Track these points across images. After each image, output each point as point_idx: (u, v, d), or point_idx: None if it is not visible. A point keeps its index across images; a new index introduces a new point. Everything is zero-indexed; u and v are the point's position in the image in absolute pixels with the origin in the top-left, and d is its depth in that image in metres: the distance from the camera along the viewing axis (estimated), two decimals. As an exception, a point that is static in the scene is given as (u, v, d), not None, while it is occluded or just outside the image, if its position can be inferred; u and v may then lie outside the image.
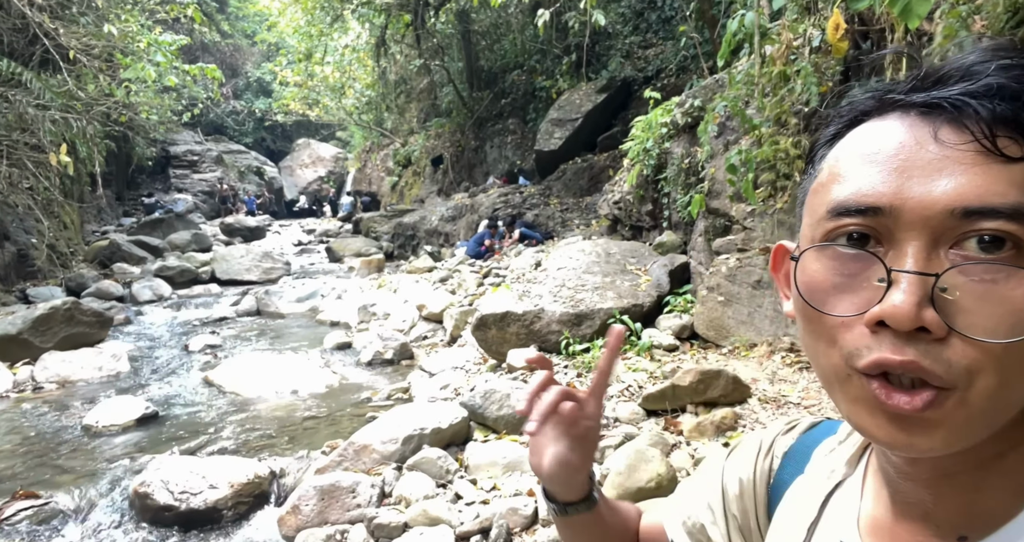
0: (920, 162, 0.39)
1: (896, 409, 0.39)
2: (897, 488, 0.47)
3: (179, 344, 7.41)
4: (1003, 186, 0.37)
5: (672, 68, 11.26)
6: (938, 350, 0.38)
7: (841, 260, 0.42)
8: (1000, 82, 0.38)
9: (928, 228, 0.38)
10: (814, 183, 0.46)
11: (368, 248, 14.11)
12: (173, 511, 3.30)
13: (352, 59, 16.80)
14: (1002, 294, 0.37)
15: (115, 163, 18.14)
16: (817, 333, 0.43)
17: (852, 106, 0.45)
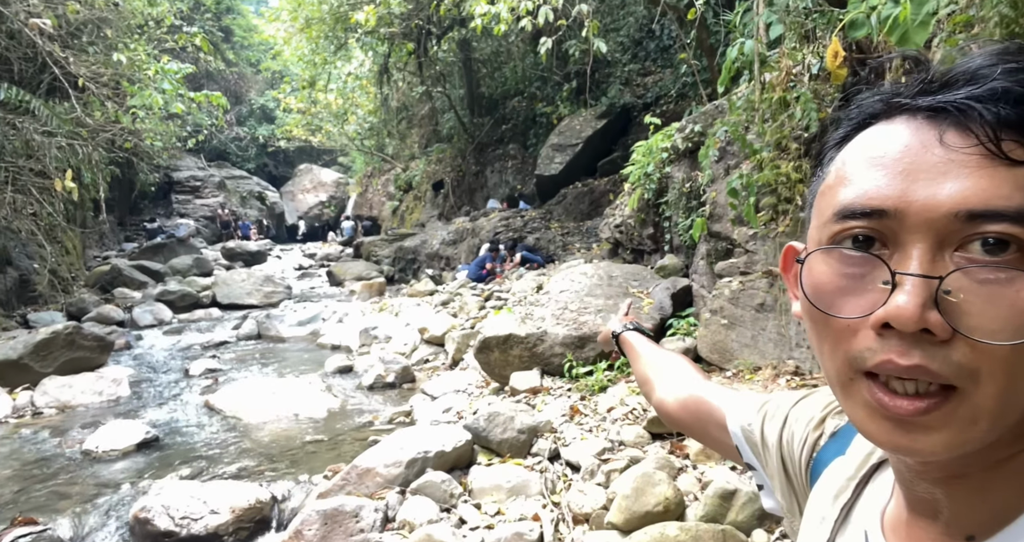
0: (925, 165, 0.40)
1: (898, 413, 0.39)
2: (910, 487, 0.48)
3: (180, 368, 7.38)
4: (1008, 189, 0.38)
5: (671, 95, 11.45)
6: (944, 352, 0.38)
7: (847, 263, 0.42)
8: (1005, 86, 0.39)
9: (933, 231, 0.39)
10: (822, 185, 0.47)
11: (369, 272, 14.13)
12: (174, 537, 3.25)
13: (355, 86, 17.08)
14: (1006, 296, 0.37)
15: (118, 189, 18.27)
16: (823, 335, 0.44)
17: (860, 109, 0.46)
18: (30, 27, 7.42)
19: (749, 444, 0.72)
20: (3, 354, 6.37)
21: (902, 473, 0.49)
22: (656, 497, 2.75)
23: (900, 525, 0.50)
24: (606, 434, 3.86)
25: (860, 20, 2.89)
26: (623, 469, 3.21)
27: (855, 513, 0.55)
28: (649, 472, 2.91)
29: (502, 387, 5.06)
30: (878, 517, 0.52)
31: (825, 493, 0.59)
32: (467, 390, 5.41)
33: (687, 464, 3.27)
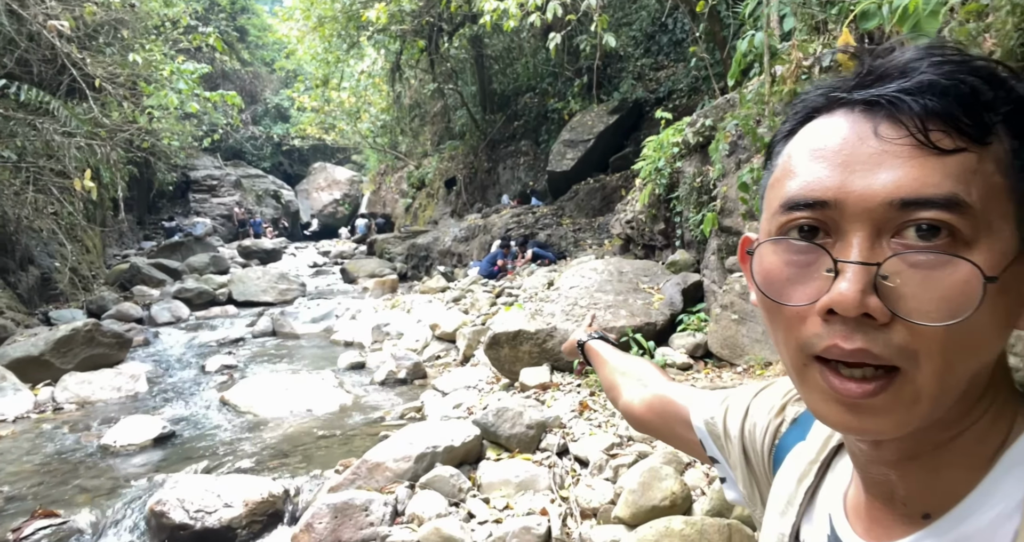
0: (862, 157, 0.41)
1: (848, 396, 0.41)
2: (865, 469, 0.49)
3: (196, 365, 7.49)
4: (937, 177, 0.40)
5: (683, 89, 11.36)
6: (885, 336, 0.40)
7: (793, 252, 0.44)
8: (931, 79, 0.41)
9: (870, 219, 0.41)
10: (771, 178, 0.49)
11: (382, 269, 14.22)
12: (188, 530, 3.31)
13: (368, 84, 17.16)
14: (939, 279, 0.39)
15: (137, 188, 18.58)
16: (776, 322, 0.46)
17: (804, 103, 0.48)
18: (48, 29, 7.56)
19: (712, 437, 0.74)
20: (25, 350, 6.52)
21: (857, 457, 0.50)
22: (663, 492, 2.75)
23: (861, 507, 0.51)
24: (615, 429, 3.86)
25: (871, 10, 2.85)
26: (631, 464, 3.21)
27: (819, 497, 0.57)
28: (656, 467, 2.90)
29: (512, 383, 5.08)
30: (840, 500, 0.54)
31: (789, 478, 0.60)
32: (477, 386, 5.43)
33: (694, 459, 3.26)
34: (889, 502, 0.48)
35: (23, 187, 8.87)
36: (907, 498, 0.47)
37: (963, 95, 0.40)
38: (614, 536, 2.71)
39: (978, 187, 0.40)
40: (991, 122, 0.41)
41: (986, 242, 0.40)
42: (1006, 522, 0.42)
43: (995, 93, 0.41)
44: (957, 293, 0.39)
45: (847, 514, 0.53)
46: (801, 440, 0.61)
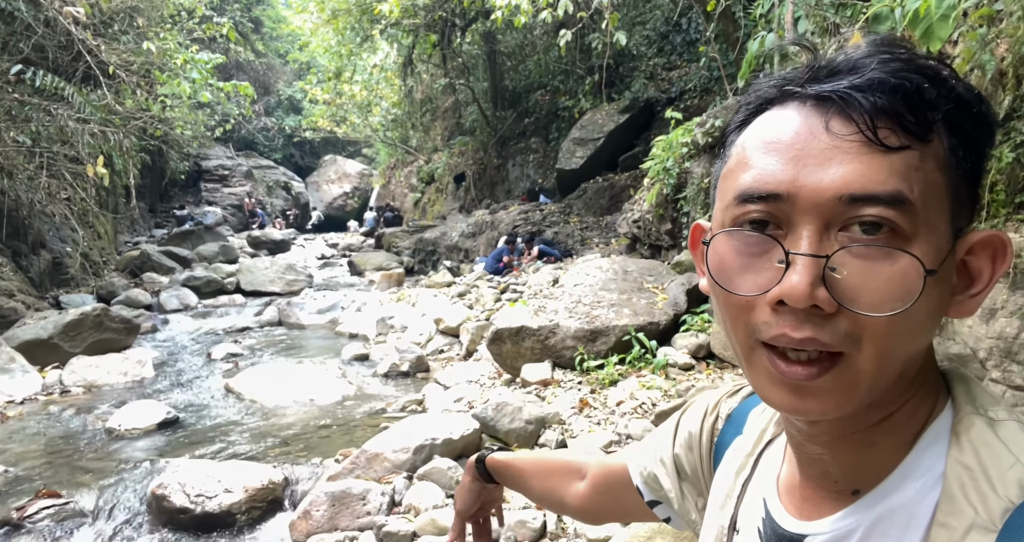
0: (813, 151, 0.43)
1: (793, 378, 0.43)
2: (801, 449, 0.51)
3: (202, 352, 7.57)
4: (883, 175, 0.41)
5: (695, 89, 11.31)
6: (831, 325, 0.42)
7: (746, 243, 0.45)
8: (880, 76, 0.42)
9: (820, 213, 0.42)
10: (724, 168, 0.50)
11: (389, 263, 14.27)
12: (188, 514, 3.36)
13: (380, 78, 17.18)
14: (882, 272, 0.41)
15: (149, 176, 18.71)
16: (726, 309, 0.47)
17: (758, 95, 0.49)
18: (64, 15, 7.64)
19: (648, 483, 0.75)
20: (34, 333, 6.61)
21: (794, 437, 0.52)
22: (658, 490, 2.76)
23: (794, 488, 0.54)
24: (614, 427, 3.87)
25: (884, 14, 2.84)
26: (628, 462, 3.22)
27: (752, 485, 0.59)
28: (652, 465, 2.91)
29: (514, 379, 5.10)
30: (774, 485, 0.56)
31: (728, 472, 0.62)
32: (480, 381, 5.46)
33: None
34: (823, 481, 0.51)
35: (37, 172, 8.97)
36: (839, 476, 0.49)
37: (909, 93, 0.42)
38: (608, 532, 2.73)
39: (919, 184, 0.42)
40: (933, 120, 0.42)
41: (925, 237, 0.42)
42: (928, 494, 0.45)
43: (937, 92, 0.42)
44: (899, 285, 0.41)
45: (780, 496, 0.55)
46: (738, 435, 0.63)
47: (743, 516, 0.59)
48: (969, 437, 0.45)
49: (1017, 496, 0.41)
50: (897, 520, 0.46)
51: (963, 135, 0.44)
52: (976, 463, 0.44)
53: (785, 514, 0.53)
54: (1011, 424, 0.45)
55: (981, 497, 0.42)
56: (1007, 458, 0.43)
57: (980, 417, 0.46)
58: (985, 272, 0.46)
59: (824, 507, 0.50)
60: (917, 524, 0.45)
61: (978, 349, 2.88)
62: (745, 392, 0.68)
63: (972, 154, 0.44)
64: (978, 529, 0.42)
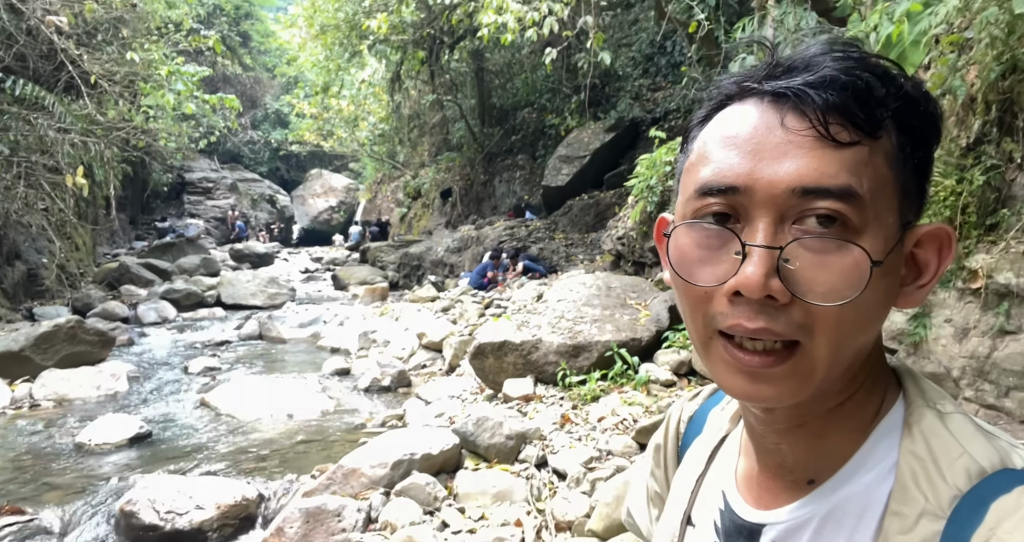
0: (769, 146, 0.44)
1: (749, 366, 0.44)
2: (759, 440, 0.53)
3: (179, 366, 7.43)
4: (834, 169, 0.43)
5: (679, 110, 11.49)
6: (784, 315, 0.43)
7: (706, 235, 0.47)
8: (832, 74, 0.44)
9: (775, 206, 0.43)
10: (686, 162, 0.51)
11: (373, 277, 14.20)
12: (158, 531, 3.26)
13: (367, 93, 17.25)
14: (832, 264, 0.43)
15: (131, 187, 18.51)
16: (685, 300, 0.48)
17: (718, 91, 0.50)
18: (47, 24, 7.59)
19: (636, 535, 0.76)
20: (5, 346, 6.45)
21: (752, 427, 0.53)
22: (637, 506, 2.74)
23: (752, 479, 0.55)
24: (595, 443, 3.85)
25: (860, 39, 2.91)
26: (608, 478, 3.20)
27: (707, 479, 0.60)
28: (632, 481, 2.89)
29: (496, 394, 5.06)
30: (732, 477, 0.57)
31: (686, 470, 0.63)
32: (461, 396, 5.41)
33: (673, 475, 3.26)
34: (779, 471, 0.52)
35: (14, 181, 8.83)
36: (795, 465, 0.51)
37: (859, 90, 0.43)
38: (587, 549, 2.70)
39: (868, 178, 0.43)
40: (881, 117, 0.44)
41: (873, 229, 0.44)
42: (881, 484, 0.47)
43: (887, 90, 0.44)
44: (848, 276, 0.42)
45: (739, 488, 0.56)
46: (699, 434, 0.64)
47: (698, 510, 0.59)
48: (921, 429, 0.46)
49: (964, 484, 0.43)
50: (851, 509, 0.47)
51: (911, 132, 0.46)
52: (927, 453, 0.45)
53: (744, 504, 0.54)
54: (958, 416, 0.47)
55: (931, 486, 0.44)
56: (955, 448, 0.45)
57: (930, 410, 0.47)
58: (932, 264, 0.48)
59: (781, 497, 0.52)
60: (871, 513, 0.46)
61: (952, 368, 2.92)
62: (705, 394, 0.69)
63: (919, 150, 0.46)
64: (928, 516, 0.43)
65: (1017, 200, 2.80)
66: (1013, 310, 2.55)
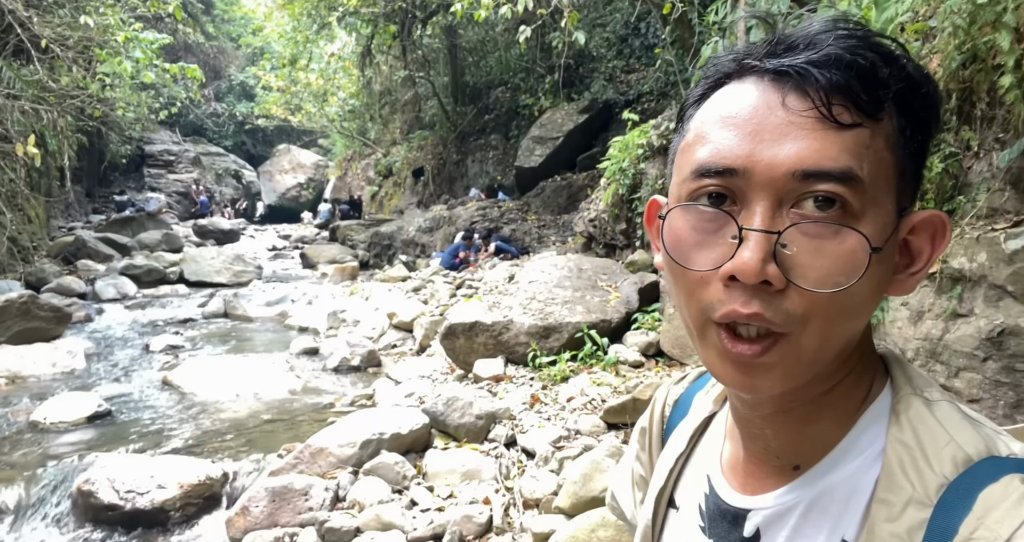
0: (770, 126, 0.43)
1: (739, 356, 0.44)
2: (744, 425, 0.52)
3: (140, 343, 7.23)
4: (835, 151, 0.41)
5: (652, 92, 11.52)
6: (778, 301, 0.42)
7: (702, 218, 0.45)
8: (836, 52, 0.42)
9: (774, 189, 0.42)
10: (682, 143, 0.49)
11: (343, 256, 14.00)
12: (117, 511, 3.20)
13: (337, 67, 16.81)
14: (830, 249, 0.42)
15: (87, 158, 17.76)
16: (680, 286, 0.47)
17: (716, 68, 0.49)
18: (-7, -17, 7.14)
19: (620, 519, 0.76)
20: (-47, 321, 6.18)
21: (739, 411, 0.52)
22: (603, 483, 2.79)
23: (737, 464, 0.54)
24: (564, 423, 3.90)
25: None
26: (576, 456, 3.25)
27: (692, 462, 0.60)
28: (599, 459, 2.94)
29: (466, 374, 5.07)
30: (717, 461, 0.56)
31: (670, 453, 0.63)
32: (432, 376, 5.40)
33: (639, 453, 3.32)
34: (765, 456, 0.51)
35: (-40, 149, 8.38)
36: (780, 451, 0.50)
37: (863, 70, 0.42)
38: (553, 526, 2.74)
39: (869, 162, 0.42)
40: (884, 98, 0.43)
41: (871, 214, 0.43)
42: (867, 471, 0.46)
43: (890, 70, 0.43)
44: (845, 262, 0.42)
45: (724, 472, 0.55)
46: (683, 417, 0.64)
47: (682, 493, 0.59)
48: (908, 417, 0.46)
49: (951, 472, 0.43)
50: (838, 495, 0.47)
51: (912, 115, 0.44)
52: (914, 441, 0.45)
53: (729, 489, 0.54)
54: (944, 404, 0.46)
55: (919, 473, 0.44)
56: (943, 437, 0.44)
57: (918, 397, 0.47)
58: (925, 251, 0.47)
59: (767, 482, 0.51)
60: (857, 500, 0.46)
61: (906, 349, 3.03)
62: (691, 377, 0.68)
63: (919, 134, 0.45)
64: (915, 504, 0.43)
65: (972, 187, 2.89)
66: (965, 294, 2.65)
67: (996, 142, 2.75)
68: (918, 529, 0.42)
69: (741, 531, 0.51)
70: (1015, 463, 0.42)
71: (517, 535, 2.88)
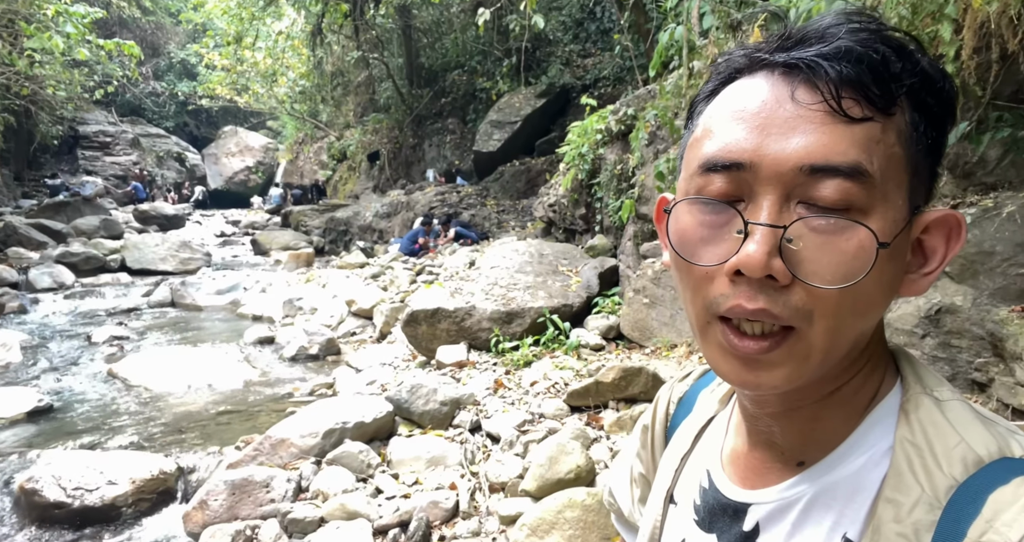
0: (778, 120, 0.42)
1: (745, 352, 0.43)
2: (751, 421, 0.52)
3: (81, 335, 6.88)
4: (844, 146, 0.41)
5: (609, 77, 11.57)
6: (784, 297, 0.42)
7: (708, 212, 0.45)
8: (848, 45, 0.42)
9: (781, 183, 0.42)
10: (691, 138, 0.49)
11: (297, 242, 13.63)
12: (65, 508, 3.06)
13: (286, 46, 16.20)
14: (837, 245, 0.41)
15: (14, 140, 16.64)
16: (686, 282, 0.46)
17: (728, 64, 0.48)
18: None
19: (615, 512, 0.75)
20: None
21: (746, 409, 0.52)
22: (568, 465, 2.83)
23: (739, 458, 0.54)
24: (527, 407, 3.93)
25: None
26: (541, 440, 3.28)
27: (692, 459, 0.60)
28: (564, 442, 2.99)
29: (429, 361, 5.04)
30: (717, 456, 0.56)
31: (674, 451, 0.62)
32: (394, 363, 5.35)
33: (601, 435, 3.39)
34: (769, 451, 0.51)
35: None
36: (785, 447, 0.50)
37: (875, 63, 0.42)
38: (520, 508, 2.77)
39: (879, 157, 0.42)
40: (896, 93, 0.42)
41: (881, 210, 0.42)
42: (874, 469, 0.46)
43: (903, 64, 0.42)
44: (852, 258, 0.41)
45: (724, 467, 0.55)
46: (687, 415, 0.64)
47: (680, 488, 0.59)
48: (918, 416, 0.46)
49: (961, 474, 0.42)
50: (841, 492, 0.47)
51: (925, 110, 0.44)
52: (924, 441, 0.44)
53: (729, 484, 0.53)
54: (955, 403, 0.46)
55: (928, 474, 0.43)
56: (953, 437, 0.44)
57: (928, 396, 0.46)
58: (939, 251, 0.46)
59: (769, 477, 0.51)
60: (863, 497, 0.46)
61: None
62: (696, 375, 0.67)
63: (933, 130, 0.44)
64: (924, 505, 0.42)
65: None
66: (909, 276, 2.80)
67: (937, 130, 2.89)
68: (926, 530, 0.41)
69: (741, 525, 0.51)
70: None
71: (484, 519, 2.90)
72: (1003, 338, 2.24)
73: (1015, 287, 2.28)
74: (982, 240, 2.35)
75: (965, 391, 2.46)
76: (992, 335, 2.30)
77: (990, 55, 2.40)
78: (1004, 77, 2.41)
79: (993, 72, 2.41)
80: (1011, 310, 2.27)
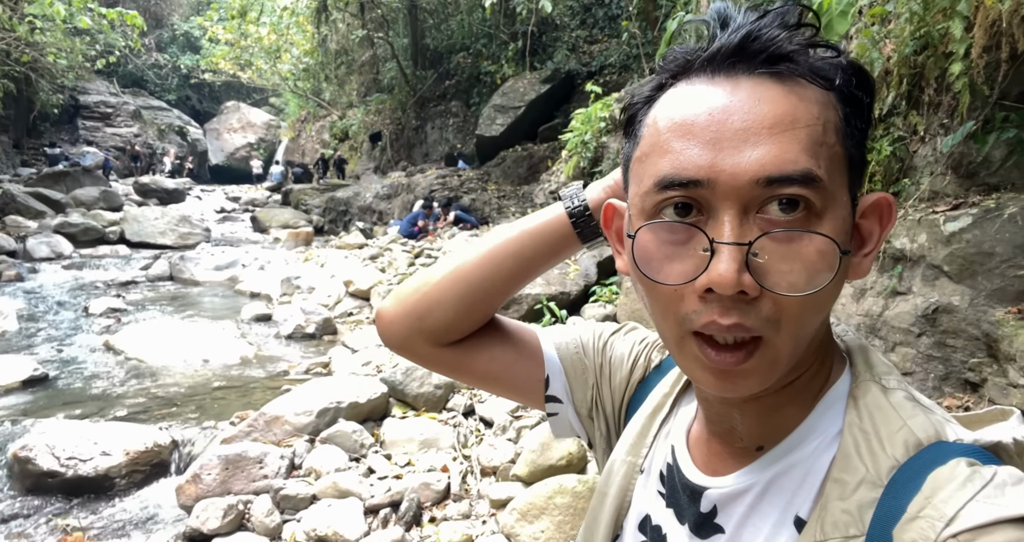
0: (728, 133, 0.43)
1: (722, 366, 0.45)
2: (711, 408, 0.54)
3: (78, 306, 6.89)
4: (794, 153, 0.42)
5: (615, 65, 11.46)
6: (755, 309, 0.43)
7: (670, 232, 0.45)
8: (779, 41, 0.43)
9: (739, 197, 0.43)
10: (637, 150, 0.48)
11: (297, 221, 13.60)
12: (58, 477, 3.08)
13: (290, 22, 16.02)
14: (798, 252, 0.43)
15: (14, 107, 16.51)
16: (655, 300, 0.47)
17: (663, 67, 0.48)
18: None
19: (573, 361, 0.70)
20: None
21: (707, 399, 0.54)
22: (560, 452, 2.86)
23: (702, 441, 0.56)
24: (521, 392, 3.95)
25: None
26: (534, 426, 3.31)
27: (666, 429, 0.61)
28: (557, 428, 3.00)
29: (423, 343, 5.05)
30: (684, 434, 0.58)
31: (645, 412, 0.63)
32: (388, 344, 5.36)
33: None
34: (729, 438, 0.53)
35: None
36: (745, 434, 0.52)
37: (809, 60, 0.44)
38: (511, 492, 2.80)
39: (824, 159, 0.43)
40: (829, 88, 0.44)
41: (832, 211, 0.44)
42: (824, 452, 0.49)
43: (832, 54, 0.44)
44: (816, 266, 0.43)
45: (689, 447, 0.57)
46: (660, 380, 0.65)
47: (651, 457, 0.61)
48: (865, 402, 0.48)
49: (903, 455, 0.45)
50: (795, 475, 0.49)
51: (855, 103, 0.45)
52: (870, 426, 0.47)
53: (692, 467, 0.55)
54: (900, 392, 0.49)
55: (872, 456, 0.46)
56: (896, 422, 0.46)
57: (876, 384, 0.49)
58: (875, 233, 0.49)
59: (730, 463, 0.53)
60: (812, 479, 0.48)
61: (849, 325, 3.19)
62: None
63: (862, 122, 0.46)
64: (867, 484, 0.45)
65: (917, 171, 3.01)
66: (905, 273, 2.79)
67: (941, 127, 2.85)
68: (868, 507, 0.44)
69: (698, 507, 0.53)
70: (961, 448, 0.44)
71: (474, 502, 2.93)
72: (998, 339, 2.25)
73: (1013, 289, 2.28)
74: (982, 241, 2.34)
75: (957, 391, 2.47)
76: (987, 336, 2.31)
77: (999, 54, 2.37)
78: (1012, 77, 2.40)
79: (1002, 71, 2.39)
80: (1008, 311, 2.28)
